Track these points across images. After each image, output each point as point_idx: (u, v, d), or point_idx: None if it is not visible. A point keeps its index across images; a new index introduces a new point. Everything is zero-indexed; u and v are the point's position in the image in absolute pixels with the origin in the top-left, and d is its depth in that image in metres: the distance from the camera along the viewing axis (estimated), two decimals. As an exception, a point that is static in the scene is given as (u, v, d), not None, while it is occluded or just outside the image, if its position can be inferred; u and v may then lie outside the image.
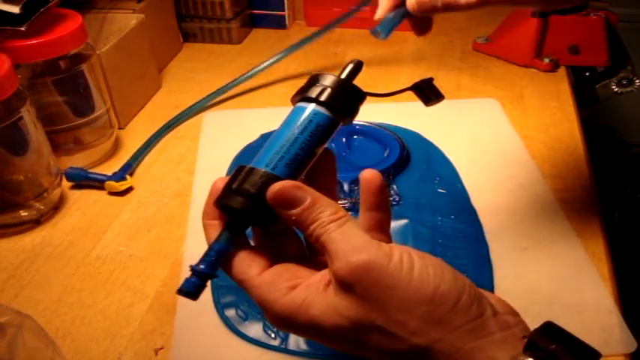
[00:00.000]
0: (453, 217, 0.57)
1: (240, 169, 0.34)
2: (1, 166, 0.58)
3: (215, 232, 0.35)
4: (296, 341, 0.45)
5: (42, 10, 0.59)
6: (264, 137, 0.70)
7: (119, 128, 0.74)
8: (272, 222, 0.34)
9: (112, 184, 0.63)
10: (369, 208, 0.36)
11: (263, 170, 0.33)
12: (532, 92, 0.78)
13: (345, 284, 0.30)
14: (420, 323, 0.30)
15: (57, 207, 0.62)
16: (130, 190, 0.64)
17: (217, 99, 0.80)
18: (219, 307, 0.49)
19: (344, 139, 0.66)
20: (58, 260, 0.55)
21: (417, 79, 0.42)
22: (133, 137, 0.73)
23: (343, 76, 0.37)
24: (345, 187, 0.58)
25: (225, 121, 0.75)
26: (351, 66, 0.37)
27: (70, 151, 0.66)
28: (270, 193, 0.32)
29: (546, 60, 0.83)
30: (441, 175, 0.62)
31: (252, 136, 0.70)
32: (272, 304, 0.32)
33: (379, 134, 0.67)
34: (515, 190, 0.61)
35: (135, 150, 0.69)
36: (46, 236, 0.58)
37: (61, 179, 0.62)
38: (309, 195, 0.32)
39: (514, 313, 0.33)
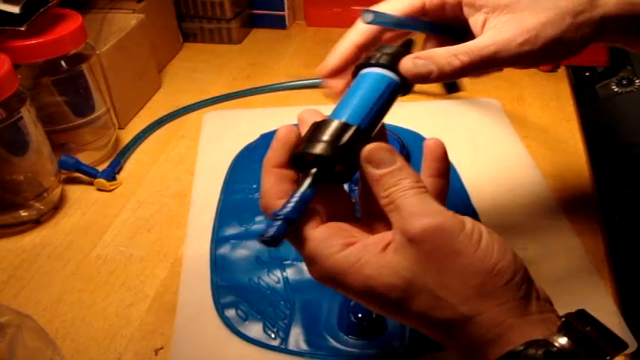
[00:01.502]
0: (453, 217, 0.57)
1: (320, 123, 0.36)
2: (1, 166, 0.58)
3: (272, 180, 0.36)
4: (296, 341, 0.45)
5: (42, 10, 0.59)
6: (264, 137, 0.70)
7: (119, 128, 0.74)
8: (352, 175, 0.35)
9: (102, 182, 0.63)
10: (431, 174, 0.37)
11: (345, 122, 0.35)
12: (532, 92, 0.78)
13: (414, 241, 0.31)
14: (472, 292, 0.31)
15: (57, 207, 0.62)
16: (117, 188, 0.64)
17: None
18: (219, 307, 0.49)
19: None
20: (58, 260, 0.55)
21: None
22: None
23: (401, 46, 0.40)
24: (345, 187, 0.58)
25: (225, 121, 0.75)
26: (405, 41, 0.41)
27: (70, 151, 0.65)
28: (366, 149, 0.34)
29: (546, 60, 0.82)
30: (441, 175, 0.62)
31: (252, 136, 0.70)
32: (325, 259, 0.33)
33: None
34: (515, 190, 0.61)
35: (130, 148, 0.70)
36: (46, 236, 0.58)
37: (60, 179, 0.62)
38: (399, 160, 0.34)
39: (550, 302, 0.34)
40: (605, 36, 0.40)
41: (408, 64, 0.38)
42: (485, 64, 0.38)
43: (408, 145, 0.65)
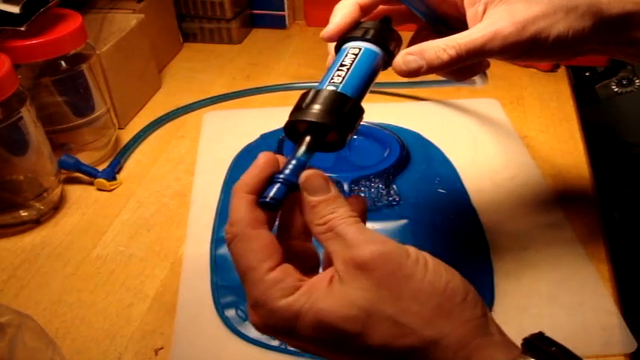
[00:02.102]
0: (452, 217, 0.57)
1: (304, 94, 0.37)
2: (1, 166, 0.58)
3: (244, 206, 0.34)
4: (296, 341, 0.45)
5: (42, 10, 0.59)
6: (264, 137, 0.70)
7: (119, 128, 0.74)
8: (344, 144, 0.36)
9: (102, 182, 0.63)
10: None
11: (330, 89, 0.36)
12: (532, 92, 0.78)
13: (364, 269, 0.30)
14: (432, 314, 0.30)
15: (57, 207, 0.62)
16: (117, 188, 0.64)
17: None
18: (219, 307, 0.49)
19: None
20: (58, 260, 0.55)
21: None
22: (133, 137, 0.73)
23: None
24: (345, 187, 0.58)
25: (225, 121, 0.75)
26: (387, 17, 0.41)
27: (70, 151, 0.65)
28: (302, 176, 0.34)
29: (546, 60, 0.83)
30: (441, 175, 0.62)
31: (252, 136, 0.70)
32: (273, 301, 0.31)
33: (379, 134, 0.67)
34: (515, 190, 0.61)
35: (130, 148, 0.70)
36: (46, 236, 0.58)
37: (60, 179, 0.62)
38: (333, 189, 0.34)
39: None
40: (600, 39, 0.40)
41: (399, 62, 0.38)
42: (473, 57, 0.38)
43: (407, 146, 0.65)
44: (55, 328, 0.48)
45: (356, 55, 0.38)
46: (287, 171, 0.34)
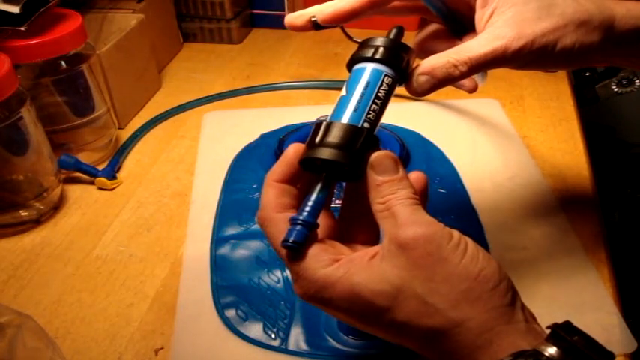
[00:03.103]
0: (452, 217, 0.57)
1: (319, 125, 0.36)
2: (1, 166, 0.58)
3: (273, 193, 0.36)
4: (296, 342, 0.45)
5: (42, 10, 0.59)
6: (264, 137, 0.70)
7: (119, 128, 0.74)
8: (361, 175, 0.36)
9: (103, 181, 0.63)
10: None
11: (346, 124, 0.36)
12: (532, 92, 0.78)
13: (404, 248, 0.32)
14: (460, 297, 0.32)
15: (57, 207, 0.62)
16: (117, 188, 0.64)
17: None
18: (219, 308, 0.49)
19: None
20: (58, 260, 0.55)
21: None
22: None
23: (391, 37, 0.39)
24: (344, 185, 0.58)
25: (225, 121, 0.75)
26: (395, 30, 0.40)
27: (70, 151, 0.65)
28: (373, 156, 0.35)
29: (546, 60, 0.82)
30: (441, 175, 0.62)
31: (252, 136, 0.70)
32: (313, 272, 0.34)
33: (379, 134, 0.66)
34: (515, 190, 0.61)
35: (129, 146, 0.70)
36: (46, 236, 0.58)
37: (60, 179, 0.62)
38: (402, 171, 0.36)
39: (534, 316, 0.34)
40: (607, 52, 0.40)
41: (413, 85, 0.39)
42: (482, 70, 0.39)
43: (407, 146, 0.65)
44: (55, 328, 0.48)
45: (369, 80, 0.37)
46: (305, 213, 0.35)
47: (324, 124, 0.36)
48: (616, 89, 0.86)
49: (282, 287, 0.50)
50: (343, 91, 0.38)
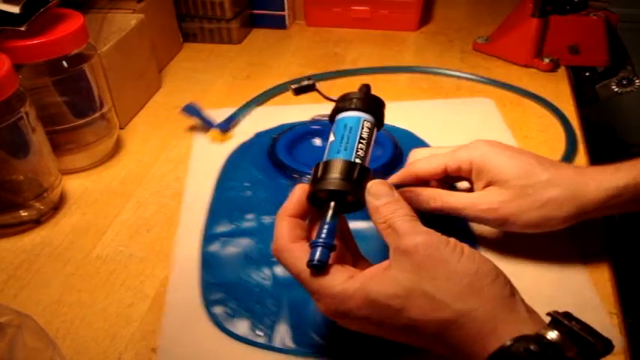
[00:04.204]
0: (449, 216, 0.56)
1: (317, 165, 0.43)
2: (1, 166, 0.58)
3: (286, 225, 0.41)
4: (282, 339, 0.46)
5: (42, 10, 0.59)
6: (259, 136, 0.70)
7: (119, 128, 0.74)
8: (363, 204, 0.41)
9: (216, 133, 0.70)
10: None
11: (341, 159, 0.42)
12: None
13: (407, 253, 0.37)
14: (463, 291, 0.35)
15: (57, 207, 0.62)
16: (117, 188, 0.64)
17: (217, 98, 0.80)
18: (208, 304, 0.49)
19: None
20: (58, 260, 0.55)
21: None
22: (133, 137, 0.73)
23: (363, 90, 0.47)
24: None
25: (219, 119, 0.74)
26: (364, 87, 0.48)
27: (71, 151, 0.66)
28: (369, 185, 0.41)
29: (546, 60, 0.83)
30: (438, 175, 0.62)
31: (247, 135, 0.70)
32: (331, 289, 0.38)
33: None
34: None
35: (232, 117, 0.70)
36: (46, 236, 0.58)
37: (60, 179, 0.62)
38: (396, 194, 0.41)
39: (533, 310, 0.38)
40: (579, 217, 0.48)
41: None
42: (452, 214, 0.50)
43: (401, 145, 0.65)
44: (55, 328, 0.48)
45: (351, 126, 0.44)
46: (323, 235, 0.40)
47: (322, 163, 0.42)
48: (616, 89, 0.86)
49: (270, 285, 0.50)
50: (331, 137, 0.44)
